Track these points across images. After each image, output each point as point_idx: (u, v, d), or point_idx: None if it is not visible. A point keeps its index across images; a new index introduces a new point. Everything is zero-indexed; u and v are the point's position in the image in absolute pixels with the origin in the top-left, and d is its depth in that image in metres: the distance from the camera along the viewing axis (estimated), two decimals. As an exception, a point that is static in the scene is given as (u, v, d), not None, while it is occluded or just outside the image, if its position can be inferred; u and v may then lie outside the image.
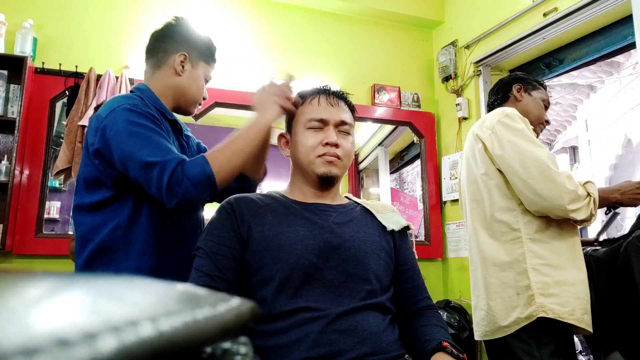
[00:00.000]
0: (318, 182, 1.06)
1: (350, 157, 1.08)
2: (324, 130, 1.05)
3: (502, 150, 1.41)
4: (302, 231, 0.99)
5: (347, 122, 1.08)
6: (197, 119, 2.69)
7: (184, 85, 1.20)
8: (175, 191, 0.96)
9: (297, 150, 1.06)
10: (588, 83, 5.26)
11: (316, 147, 1.03)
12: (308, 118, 1.06)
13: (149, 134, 1.02)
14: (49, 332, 0.16)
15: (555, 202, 1.33)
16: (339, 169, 1.05)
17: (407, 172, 4.70)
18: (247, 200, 1.04)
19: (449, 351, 0.93)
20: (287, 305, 0.92)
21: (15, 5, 2.48)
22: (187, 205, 0.99)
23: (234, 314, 0.23)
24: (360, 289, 0.97)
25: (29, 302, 0.19)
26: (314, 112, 1.06)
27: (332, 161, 1.03)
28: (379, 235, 1.07)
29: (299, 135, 1.06)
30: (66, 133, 2.39)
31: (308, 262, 0.95)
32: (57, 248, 2.30)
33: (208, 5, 2.84)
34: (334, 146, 1.03)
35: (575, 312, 1.32)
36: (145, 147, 1.00)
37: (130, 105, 1.05)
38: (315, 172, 1.04)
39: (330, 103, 1.07)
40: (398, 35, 3.26)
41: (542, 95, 1.66)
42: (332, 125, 1.05)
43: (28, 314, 0.17)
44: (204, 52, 1.25)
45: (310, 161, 1.04)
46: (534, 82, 1.68)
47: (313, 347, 0.89)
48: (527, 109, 1.61)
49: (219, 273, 0.95)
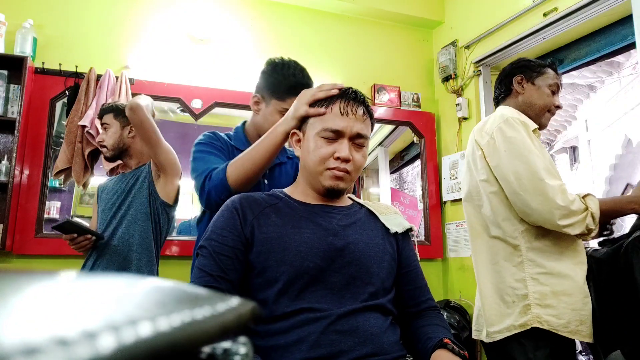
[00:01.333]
0: (323, 192, 1.05)
1: (359, 170, 1.04)
2: (338, 142, 1.00)
3: (498, 161, 1.39)
4: (306, 233, 0.98)
5: (362, 134, 1.02)
6: (197, 119, 2.69)
7: (259, 122, 1.39)
8: (202, 194, 1.20)
9: (307, 155, 1.03)
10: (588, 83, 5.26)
11: (327, 160, 1.00)
12: (323, 127, 1.00)
13: (203, 155, 1.29)
14: (49, 332, 0.16)
15: (545, 217, 1.31)
16: (346, 183, 1.03)
17: (407, 172, 4.70)
18: (251, 199, 1.04)
19: (450, 348, 0.93)
20: (289, 307, 0.92)
21: (15, 5, 2.48)
22: (210, 206, 1.20)
23: (234, 313, 0.23)
24: (362, 292, 0.97)
25: (29, 301, 0.19)
26: (329, 121, 1.01)
27: (341, 176, 1.00)
28: (382, 238, 1.07)
29: (311, 140, 1.03)
30: (66, 133, 2.39)
31: (313, 264, 0.95)
32: (57, 248, 2.30)
33: (208, 6, 2.84)
34: (345, 161, 0.99)
35: (570, 324, 1.31)
36: (197, 163, 1.27)
37: (199, 140, 1.35)
38: (321, 184, 1.02)
39: (348, 112, 1.01)
40: (398, 35, 3.26)
41: (548, 80, 1.55)
42: (346, 138, 1.00)
43: (28, 314, 0.17)
44: (274, 91, 1.36)
45: (319, 172, 1.01)
46: (538, 67, 1.58)
47: (314, 347, 0.89)
48: (530, 101, 1.54)
49: (222, 273, 0.94)
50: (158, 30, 2.71)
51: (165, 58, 2.68)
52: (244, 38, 2.87)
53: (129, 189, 1.82)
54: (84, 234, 1.72)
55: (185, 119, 2.77)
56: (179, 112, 2.80)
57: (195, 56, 2.73)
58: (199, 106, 2.65)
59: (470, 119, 2.91)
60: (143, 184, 1.82)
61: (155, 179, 1.82)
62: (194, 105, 2.64)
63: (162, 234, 1.87)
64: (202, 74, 2.71)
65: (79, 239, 1.72)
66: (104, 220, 1.83)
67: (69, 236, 1.71)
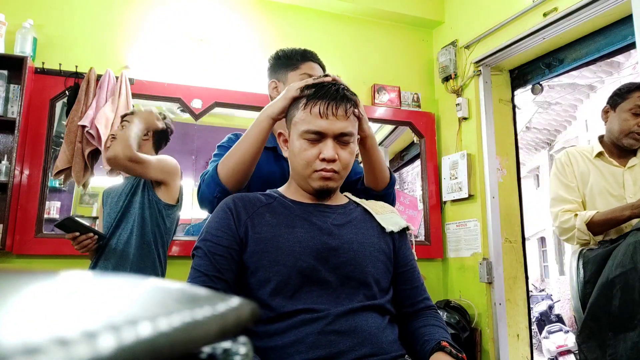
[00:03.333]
0: (314, 193, 1.04)
1: (348, 167, 1.03)
2: (322, 142, 0.98)
3: None
4: (300, 233, 0.98)
5: (346, 132, 0.99)
6: (197, 119, 2.69)
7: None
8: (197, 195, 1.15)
9: (294, 158, 1.02)
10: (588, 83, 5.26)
11: (313, 162, 0.99)
12: (304, 129, 0.98)
13: (215, 159, 1.21)
14: (49, 332, 0.16)
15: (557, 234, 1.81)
16: (335, 182, 1.02)
17: (407, 172, 4.70)
18: (246, 199, 1.04)
19: (447, 351, 0.93)
20: (285, 307, 0.92)
21: (15, 5, 2.48)
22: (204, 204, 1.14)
23: (234, 314, 0.23)
24: (358, 292, 0.97)
25: (29, 301, 0.19)
26: (311, 122, 0.98)
27: (329, 177, 0.99)
28: (378, 237, 1.06)
29: (295, 142, 1.01)
30: (66, 133, 2.39)
31: (306, 264, 0.94)
32: (57, 248, 2.30)
33: (208, 5, 2.84)
34: (331, 162, 0.98)
35: None
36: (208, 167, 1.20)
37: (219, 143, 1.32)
38: (311, 186, 1.02)
39: (328, 114, 0.97)
40: (398, 35, 3.26)
41: (628, 104, 1.75)
42: (330, 138, 0.98)
43: (28, 314, 0.17)
44: (287, 65, 1.34)
45: (307, 175, 1.01)
46: (622, 92, 1.79)
47: (312, 348, 0.88)
48: (610, 128, 1.80)
49: (218, 273, 0.94)
50: (158, 30, 2.71)
51: (165, 58, 2.68)
52: (244, 38, 2.87)
53: (133, 192, 1.84)
54: (86, 232, 1.72)
55: (185, 119, 2.77)
56: (179, 112, 2.80)
57: (195, 56, 2.73)
58: (199, 106, 2.65)
59: (470, 119, 2.91)
60: (145, 188, 1.83)
61: (156, 186, 1.84)
62: (194, 105, 2.64)
63: (166, 235, 1.87)
64: (202, 74, 2.71)
65: (81, 237, 1.71)
66: (109, 222, 1.83)
67: (71, 235, 1.71)
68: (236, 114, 2.85)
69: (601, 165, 1.77)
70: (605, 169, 1.76)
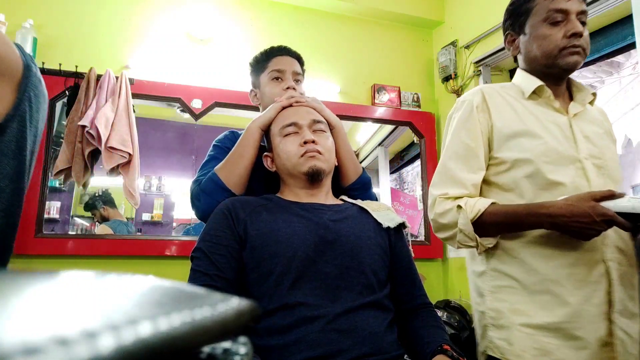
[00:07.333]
0: (307, 180, 1.08)
1: (331, 152, 1.14)
2: (300, 133, 1.12)
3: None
4: (298, 227, 1.00)
5: (319, 120, 1.15)
6: (197, 119, 2.69)
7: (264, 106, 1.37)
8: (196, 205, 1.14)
9: (281, 159, 1.11)
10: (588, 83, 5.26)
11: (297, 149, 1.09)
12: (281, 126, 1.13)
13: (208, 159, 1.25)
14: (49, 332, 0.16)
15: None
16: (322, 162, 1.09)
17: (407, 172, 4.70)
18: (242, 200, 1.07)
19: (449, 354, 0.94)
20: (284, 299, 0.93)
21: (15, 5, 2.48)
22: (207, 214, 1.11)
23: (233, 313, 0.23)
24: (356, 283, 0.98)
25: (29, 301, 0.19)
26: (285, 118, 1.15)
27: (314, 155, 1.08)
28: (375, 232, 1.08)
29: (279, 145, 1.12)
30: (66, 133, 2.39)
31: (304, 255, 0.96)
32: (57, 248, 2.30)
33: (208, 6, 2.84)
34: (312, 143, 1.08)
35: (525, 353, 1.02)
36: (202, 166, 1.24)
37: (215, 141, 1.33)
38: (301, 172, 1.08)
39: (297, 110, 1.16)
40: (398, 35, 3.26)
41: (538, 16, 1.21)
42: (305, 127, 1.12)
43: (28, 314, 0.17)
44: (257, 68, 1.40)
45: (295, 163, 1.08)
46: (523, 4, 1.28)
47: (313, 346, 0.89)
48: (528, 55, 1.24)
49: (218, 272, 0.95)
50: (158, 30, 2.71)
51: (165, 58, 2.68)
52: (244, 38, 2.87)
53: None
54: None
55: (185, 119, 2.77)
56: (178, 112, 2.80)
57: (195, 56, 2.73)
58: (199, 106, 2.65)
59: (470, 119, 2.91)
60: None
61: None
62: (194, 105, 2.64)
63: None
64: (202, 74, 2.71)
65: None
66: None
67: None
68: (236, 114, 2.85)
69: (538, 111, 1.15)
70: (545, 116, 1.14)
